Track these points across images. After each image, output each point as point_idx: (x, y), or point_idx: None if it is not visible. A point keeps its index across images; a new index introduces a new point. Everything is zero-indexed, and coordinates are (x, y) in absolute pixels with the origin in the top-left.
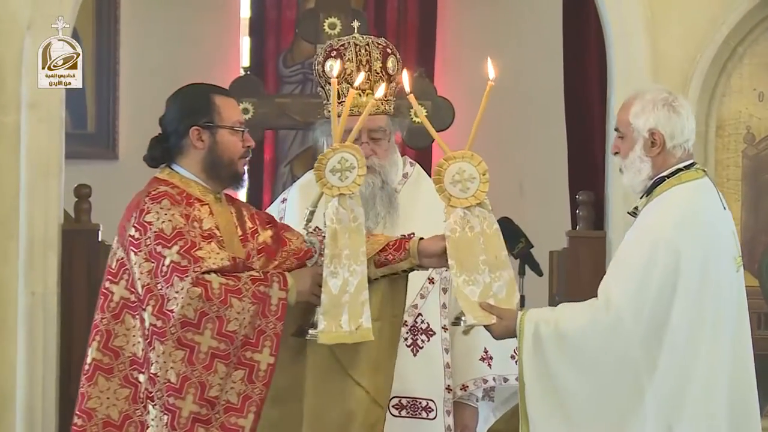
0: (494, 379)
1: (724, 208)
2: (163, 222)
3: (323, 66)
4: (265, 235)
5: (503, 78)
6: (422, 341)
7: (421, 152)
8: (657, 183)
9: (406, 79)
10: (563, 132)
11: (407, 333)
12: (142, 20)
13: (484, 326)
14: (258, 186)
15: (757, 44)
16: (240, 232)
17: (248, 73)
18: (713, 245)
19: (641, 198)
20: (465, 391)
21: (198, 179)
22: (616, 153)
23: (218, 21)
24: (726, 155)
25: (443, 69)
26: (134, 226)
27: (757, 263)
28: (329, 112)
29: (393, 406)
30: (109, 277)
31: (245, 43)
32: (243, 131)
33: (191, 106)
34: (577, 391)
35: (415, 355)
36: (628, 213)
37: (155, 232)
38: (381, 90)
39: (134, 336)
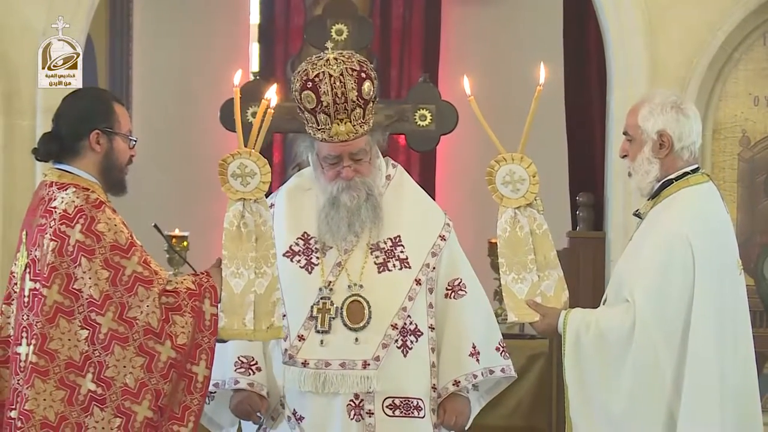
0: (482, 373)
1: (727, 213)
2: (116, 233)
3: (300, 94)
4: None
5: (505, 82)
6: (411, 342)
7: (425, 154)
8: (664, 185)
9: (467, 84)
10: (564, 135)
11: (397, 335)
12: (155, 28)
13: (529, 323)
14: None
15: (752, 50)
16: None
17: (258, 78)
18: (723, 246)
19: (648, 200)
20: (457, 386)
21: (98, 183)
22: (624, 156)
23: (228, 28)
24: (722, 158)
25: (447, 74)
26: (83, 233)
27: (753, 263)
28: (310, 132)
29: (387, 407)
30: (39, 280)
31: (254, 48)
32: (135, 141)
33: (94, 110)
34: (616, 395)
35: (405, 355)
36: (633, 214)
37: (110, 243)
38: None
39: (70, 340)
